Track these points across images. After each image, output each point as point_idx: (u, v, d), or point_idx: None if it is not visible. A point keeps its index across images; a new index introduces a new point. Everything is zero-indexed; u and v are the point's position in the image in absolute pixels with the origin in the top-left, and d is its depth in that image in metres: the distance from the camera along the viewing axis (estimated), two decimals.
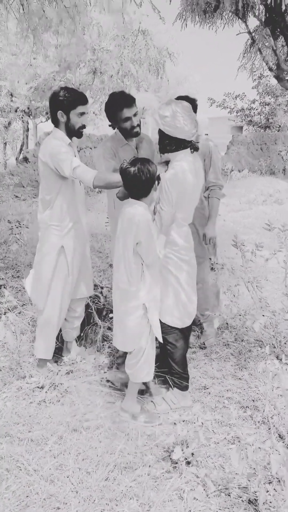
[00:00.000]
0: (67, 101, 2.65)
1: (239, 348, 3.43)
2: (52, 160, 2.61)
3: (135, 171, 2.24)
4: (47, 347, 2.89)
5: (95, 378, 2.90)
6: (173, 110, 2.39)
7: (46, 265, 2.79)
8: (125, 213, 2.35)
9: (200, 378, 3.00)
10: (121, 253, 2.39)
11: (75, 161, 2.58)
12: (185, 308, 2.62)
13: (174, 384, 2.70)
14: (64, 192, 2.77)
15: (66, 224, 2.81)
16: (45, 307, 2.82)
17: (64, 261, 2.81)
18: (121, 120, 2.88)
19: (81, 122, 2.74)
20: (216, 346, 3.47)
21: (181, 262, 2.56)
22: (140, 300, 2.41)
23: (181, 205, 2.47)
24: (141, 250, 2.32)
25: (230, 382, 2.95)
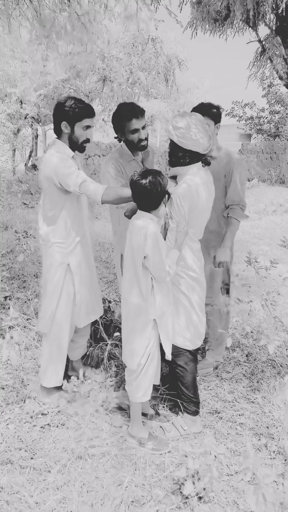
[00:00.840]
0: (73, 112, 2.51)
1: (251, 368, 3.29)
2: (56, 175, 2.48)
3: (146, 184, 2.14)
4: (57, 374, 2.74)
5: (101, 399, 2.78)
6: (188, 122, 2.29)
7: (52, 286, 2.65)
8: (133, 225, 2.24)
9: (211, 401, 2.86)
10: (130, 266, 2.28)
11: (81, 175, 2.46)
12: (196, 329, 2.50)
13: (184, 409, 2.57)
14: (69, 207, 2.63)
15: (72, 241, 2.67)
16: (51, 331, 2.68)
17: (70, 280, 2.69)
18: (129, 132, 2.76)
19: (86, 135, 2.60)
20: (227, 365, 3.33)
21: (193, 281, 2.44)
22: (150, 315, 2.30)
23: (192, 220, 2.36)
24: (148, 264, 2.21)
25: (243, 406, 2.82)
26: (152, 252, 2.16)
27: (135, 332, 2.30)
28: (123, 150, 2.88)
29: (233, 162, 2.92)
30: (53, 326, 2.68)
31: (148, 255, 2.17)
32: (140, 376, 2.35)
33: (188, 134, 2.26)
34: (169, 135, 2.33)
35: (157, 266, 2.19)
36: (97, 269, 5.64)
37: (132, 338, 2.32)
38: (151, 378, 2.40)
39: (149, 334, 2.31)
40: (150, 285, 2.27)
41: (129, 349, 2.34)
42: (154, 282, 2.28)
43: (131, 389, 2.39)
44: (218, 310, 3.21)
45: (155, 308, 2.29)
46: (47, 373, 2.72)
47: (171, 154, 2.38)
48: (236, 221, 2.98)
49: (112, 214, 3.07)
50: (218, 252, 2.92)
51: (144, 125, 2.79)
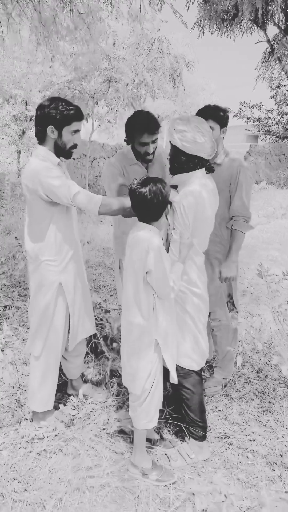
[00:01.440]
0: (61, 115, 2.26)
1: (262, 386, 3.10)
2: (42, 187, 2.22)
3: (146, 193, 1.96)
4: (48, 398, 2.54)
5: (102, 421, 2.60)
6: (191, 125, 2.11)
7: (43, 307, 2.42)
8: (134, 238, 2.06)
9: (220, 424, 2.67)
10: (131, 282, 2.09)
11: (73, 186, 2.23)
12: (201, 348, 2.32)
13: (190, 434, 2.38)
14: (58, 220, 2.37)
15: (64, 257, 2.42)
16: (42, 354, 2.47)
17: (63, 300, 2.46)
18: (138, 143, 2.65)
19: (73, 140, 2.36)
20: (237, 383, 3.14)
21: (197, 298, 2.26)
22: (153, 336, 2.11)
23: (197, 230, 2.17)
24: (151, 279, 2.02)
25: (254, 430, 2.62)
26: (155, 267, 1.97)
27: (137, 355, 2.12)
28: (127, 153, 2.77)
29: (239, 170, 2.72)
30: (44, 350, 2.47)
31: (151, 270, 1.99)
32: (146, 402, 2.17)
33: (193, 138, 2.08)
34: (171, 140, 2.15)
35: (160, 282, 2.01)
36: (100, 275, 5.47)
37: (133, 361, 2.13)
38: (158, 404, 2.22)
39: (152, 357, 2.13)
40: (152, 303, 2.09)
41: (130, 373, 2.15)
42: (156, 299, 2.09)
43: (135, 415, 2.20)
44: (225, 325, 3.02)
45: (158, 328, 2.10)
46: (36, 397, 2.51)
47: (173, 160, 2.20)
48: (241, 233, 2.79)
49: (114, 217, 2.92)
50: (224, 267, 2.74)
51: (155, 139, 2.66)
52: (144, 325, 2.08)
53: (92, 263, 6.02)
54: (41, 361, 2.48)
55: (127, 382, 2.20)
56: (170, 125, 2.15)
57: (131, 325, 2.11)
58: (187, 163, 2.14)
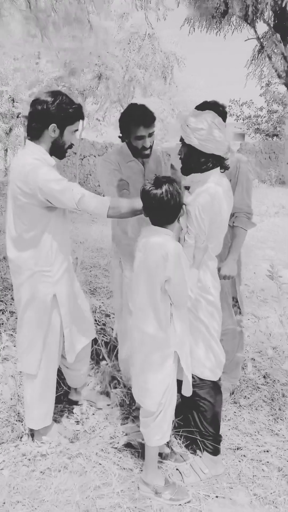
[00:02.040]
0: (66, 114, 2.09)
1: (270, 392, 2.99)
2: (41, 191, 2.02)
3: (162, 194, 1.82)
4: (45, 415, 2.37)
5: (108, 435, 2.46)
6: (209, 122, 1.97)
7: (35, 322, 2.23)
8: (148, 244, 1.91)
9: (231, 434, 2.55)
10: (145, 291, 1.95)
11: (77, 188, 2.05)
12: (217, 357, 2.19)
13: (204, 447, 2.26)
14: (54, 226, 2.17)
15: (59, 267, 2.23)
16: (38, 372, 2.29)
17: (57, 313, 2.28)
18: (134, 137, 2.50)
19: (71, 140, 2.21)
20: (245, 390, 3.02)
21: (211, 306, 2.13)
22: (171, 347, 1.98)
23: (213, 234, 2.04)
24: (170, 288, 1.89)
25: (267, 440, 2.51)
26: (175, 275, 1.84)
27: (153, 368, 1.98)
28: (123, 150, 2.62)
29: (239, 165, 2.63)
30: (40, 368, 2.29)
31: (171, 278, 1.85)
32: (159, 417, 2.03)
33: (211, 136, 1.94)
34: (186, 139, 2.00)
35: (179, 290, 1.87)
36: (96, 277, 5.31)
37: (149, 375, 1.99)
38: (171, 418, 2.09)
39: (170, 369, 1.99)
40: (170, 312, 1.95)
41: (144, 388, 2.01)
42: (173, 308, 1.96)
43: (147, 431, 2.07)
44: (232, 330, 2.90)
45: (176, 339, 1.97)
46: (34, 415, 2.35)
47: (189, 160, 2.05)
48: (243, 230, 2.69)
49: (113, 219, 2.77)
50: (224, 265, 2.62)
51: (151, 133, 2.52)
52: (162, 336, 1.95)
53: (87, 265, 5.86)
54: (38, 379, 2.31)
55: (140, 398, 2.05)
56: (182, 123, 2.01)
57: (147, 337, 1.97)
58: (206, 163, 2.01)
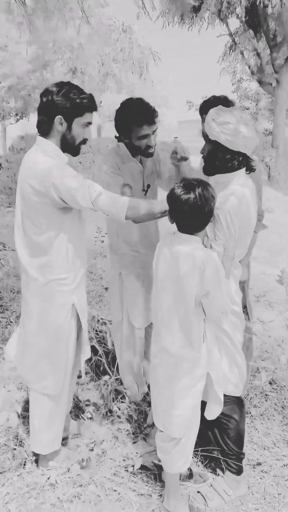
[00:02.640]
0: (73, 104, 1.90)
1: (280, 400, 2.88)
2: (56, 189, 1.84)
3: (196, 199, 1.64)
4: (56, 437, 2.16)
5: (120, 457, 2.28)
6: (236, 116, 1.81)
7: (53, 337, 2.03)
8: (179, 254, 1.73)
9: (249, 449, 2.42)
10: (173, 307, 1.78)
11: (93, 186, 1.86)
12: (241, 371, 2.05)
13: (226, 467, 2.12)
14: (69, 229, 1.98)
15: (76, 273, 2.04)
16: (56, 390, 2.08)
17: (74, 325, 2.09)
18: (136, 138, 2.30)
19: (84, 135, 1.99)
20: (254, 398, 2.90)
21: (235, 317, 1.98)
22: (203, 368, 1.81)
23: (241, 240, 1.89)
24: (208, 302, 1.73)
25: (285, 453, 2.40)
26: (214, 288, 1.68)
27: (183, 393, 1.81)
28: (120, 150, 2.41)
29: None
30: (57, 386, 2.08)
31: (210, 292, 1.68)
32: (182, 441, 1.87)
33: (238, 131, 1.78)
34: (212, 134, 1.83)
35: (218, 305, 1.71)
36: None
37: (177, 400, 1.81)
38: (194, 440, 1.93)
39: (199, 392, 1.83)
40: (203, 329, 1.78)
41: (171, 414, 1.83)
42: (206, 325, 1.79)
43: (168, 457, 1.90)
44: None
45: (210, 359, 1.81)
46: (42, 439, 2.13)
47: (213, 158, 1.89)
48: (255, 233, 2.55)
49: (109, 223, 2.56)
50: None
51: (154, 130, 2.32)
52: (195, 357, 1.78)
53: None
54: (52, 399, 2.09)
55: (166, 424, 1.86)
56: (208, 118, 1.84)
57: (175, 358, 1.79)
58: (231, 161, 1.84)
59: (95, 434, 2.41)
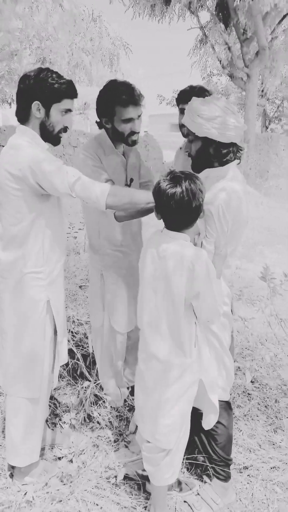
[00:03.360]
0: (50, 90, 1.79)
1: (263, 398, 2.83)
2: (33, 173, 1.72)
3: (183, 193, 1.52)
4: (34, 448, 2.01)
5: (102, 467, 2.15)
6: (222, 107, 1.70)
7: (30, 335, 1.90)
8: (166, 253, 1.61)
9: (234, 452, 2.34)
10: (162, 310, 1.66)
11: (72, 171, 1.76)
12: (229, 374, 1.96)
13: (214, 474, 2.03)
14: (47, 219, 1.87)
15: (53, 268, 1.92)
16: (32, 396, 1.94)
17: (50, 322, 1.96)
18: (120, 121, 2.12)
19: (63, 122, 1.88)
20: (236, 398, 2.84)
21: (225, 318, 1.88)
22: (195, 374, 1.71)
23: (234, 238, 1.79)
24: (198, 305, 1.62)
25: (272, 455, 2.33)
26: (205, 289, 1.57)
27: (172, 402, 1.69)
28: (102, 139, 2.23)
29: None
30: (34, 391, 1.94)
31: (199, 293, 1.57)
32: (171, 453, 1.76)
33: (229, 122, 1.68)
34: (200, 131, 1.71)
35: (210, 306, 1.60)
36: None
37: (167, 409, 1.70)
38: (183, 450, 1.82)
39: (191, 400, 1.73)
40: (194, 333, 1.67)
41: (161, 424, 1.72)
42: (197, 328, 1.68)
43: (156, 469, 1.78)
44: None
45: (202, 364, 1.70)
46: (19, 451, 1.99)
47: (205, 155, 1.77)
48: None
49: (88, 218, 2.37)
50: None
51: (139, 115, 2.15)
52: (186, 362, 1.66)
53: None
54: (29, 405, 1.96)
55: (155, 436, 1.74)
56: (192, 114, 1.72)
57: (164, 365, 1.67)
58: (227, 154, 1.74)
59: (74, 443, 2.27)
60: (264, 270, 2.57)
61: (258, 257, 6.31)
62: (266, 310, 2.93)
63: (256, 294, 4.08)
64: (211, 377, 1.77)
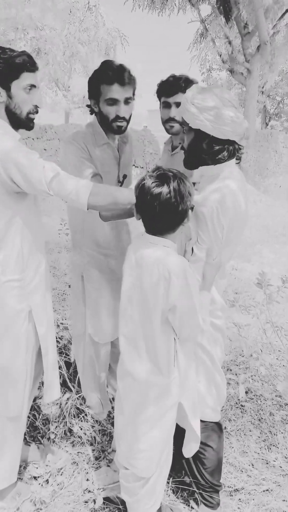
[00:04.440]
0: (5, 67, 1.57)
1: (256, 410, 2.66)
2: (4, 166, 1.53)
3: (169, 194, 1.33)
4: (11, 470, 1.84)
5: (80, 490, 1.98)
6: (220, 97, 1.51)
7: (12, 351, 1.72)
8: (142, 259, 1.44)
9: (225, 472, 2.17)
10: (139, 323, 1.48)
11: (50, 166, 1.56)
12: (220, 392, 1.78)
13: (202, 500, 1.86)
14: (24, 220, 1.68)
15: (34, 273, 1.75)
16: (7, 414, 1.76)
17: (32, 333, 1.78)
18: (104, 101, 1.91)
19: (31, 101, 1.66)
20: (228, 410, 2.66)
21: (217, 332, 1.70)
22: (174, 397, 1.53)
23: (230, 244, 1.61)
24: (176, 318, 1.43)
25: (265, 476, 2.17)
26: (181, 301, 1.38)
27: (148, 424, 1.52)
28: (94, 127, 2.02)
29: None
30: (24, 406, 1.78)
31: (176, 307, 1.38)
32: (152, 480, 1.58)
33: (226, 116, 1.48)
34: (193, 122, 1.52)
35: (188, 321, 1.41)
36: None
37: (142, 432, 1.52)
38: (165, 478, 1.65)
39: (170, 424, 1.55)
40: (173, 351, 1.49)
41: (136, 449, 1.54)
42: (177, 345, 1.50)
43: (134, 500, 1.61)
44: None
45: (182, 386, 1.52)
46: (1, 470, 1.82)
47: (197, 149, 1.57)
48: None
49: (72, 212, 2.17)
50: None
51: (128, 98, 1.94)
52: (162, 383, 1.48)
53: None
54: (8, 424, 1.77)
55: (131, 461, 1.57)
56: (185, 102, 1.53)
57: (140, 384, 1.49)
58: (220, 152, 1.54)
59: (51, 461, 2.10)
60: (261, 276, 2.39)
61: (255, 256, 6.13)
62: (261, 317, 2.76)
63: (252, 297, 3.90)
64: (193, 400, 1.59)
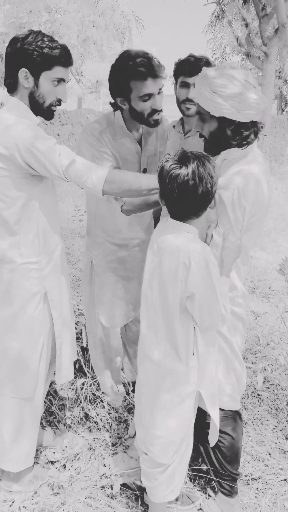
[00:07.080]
0: (40, 55, 1.53)
1: (272, 399, 2.63)
2: (19, 150, 1.50)
3: (188, 176, 1.28)
4: (28, 454, 1.85)
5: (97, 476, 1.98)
6: (242, 81, 1.44)
7: (25, 332, 1.72)
8: (163, 243, 1.40)
9: (242, 461, 2.15)
10: (159, 309, 1.45)
11: (66, 152, 1.53)
12: (240, 380, 1.75)
13: (220, 489, 1.84)
14: (40, 203, 1.66)
15: (49, 256, 1.74)
16: (24, 396, 1.77)
17: (48, 316, 1.78)
18: (138, 98, 1.75)
19: (56, 94, 1.62)
20: (245, 399, 2.64)
21: (237, 319, 1.66)
22: (193, 385, 1.50)
23: (252, 229, 1.56)
24: (194, 307, 1.39)
25: (282, 465, 2.14)
26: (201, 289, 1.34)
27: (166, 411, 1.50)
28: (114, 120, 1.89)
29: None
30: (37, 390, 1.78)
31: (195, 294, 1.34)
32: (171, 467, 1.57)
33: (251, 99, 1.42)
34: (217, 110, 1.45)
35: (208, 310, 1.38)
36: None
37: (159, 419, 1.51)
38: (186, 465, 1.63)
39: (189, 412, 1.53)
40: (193, 339, 1.46)
41: (154, 435, 1.53)
42: (197, 332, 1.47)
43: (154, 485, 1.60)
44: None
45: (201, 375, 1.49)
46: (13, 454, 1.81)
47: (222, 136, 1.52)
48: None
49: (88, 201, 2.12)
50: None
51: (160, 88, 1.79)
52: (181, 370, 1.46)
53: None
54: (23, 406, 1.78)
55: (148, 447, 1.56)
56: (205, 89, 1.45)
57: (158, 369, 1.47)
58: (248, 136, 1.49)
59: (68, 446, 2.10)
60: (284, 262, 2.34)
61: (272, 245, 6.04)
62: (280, 305, 2.71)
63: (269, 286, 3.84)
64: (212, 390, 1.56)
